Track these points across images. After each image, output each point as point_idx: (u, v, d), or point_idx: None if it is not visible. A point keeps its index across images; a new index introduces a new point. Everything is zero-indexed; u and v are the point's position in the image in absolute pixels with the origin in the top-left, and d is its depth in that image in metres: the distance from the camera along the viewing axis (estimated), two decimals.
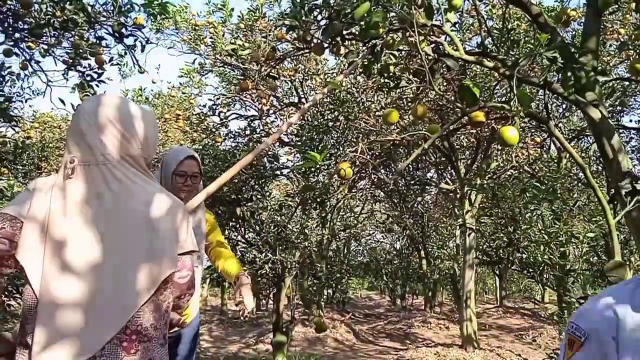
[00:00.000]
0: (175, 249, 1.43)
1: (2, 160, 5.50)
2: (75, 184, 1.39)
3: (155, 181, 1.55)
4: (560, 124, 8.89)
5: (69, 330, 1.29)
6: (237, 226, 6.92)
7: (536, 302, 15.61)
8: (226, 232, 7.01)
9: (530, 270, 9.59)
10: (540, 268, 9.26)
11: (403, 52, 3.13)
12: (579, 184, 7.91)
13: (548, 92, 2.52)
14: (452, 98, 4.85)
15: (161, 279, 1.38)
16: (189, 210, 2.12)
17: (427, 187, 10.87)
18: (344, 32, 2.68)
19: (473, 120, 2.46)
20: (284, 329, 7.13)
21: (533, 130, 8.20)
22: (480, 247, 10.27)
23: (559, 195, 6.70)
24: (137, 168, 1.47)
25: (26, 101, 5.82)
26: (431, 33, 2.59)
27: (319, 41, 2.83)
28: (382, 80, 3.04)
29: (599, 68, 2.55)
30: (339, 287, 12.03)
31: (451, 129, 7.07)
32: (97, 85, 4.69)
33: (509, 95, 2.28)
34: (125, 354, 1.31)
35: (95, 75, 4.68)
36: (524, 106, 2.07)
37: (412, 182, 10.09)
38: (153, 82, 16.02)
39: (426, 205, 12.83)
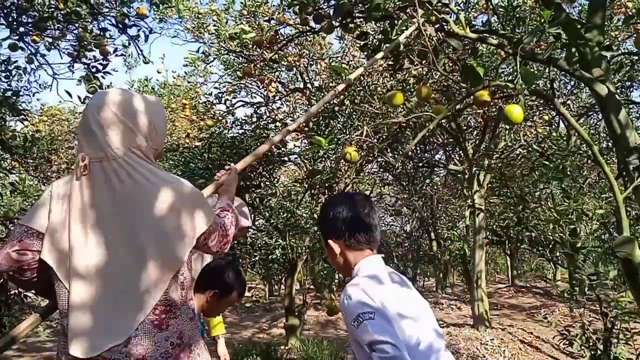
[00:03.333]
0: (191, 229, 1.50)
1: (13, 154, 5.55)
2: (89, 180, 1.47)
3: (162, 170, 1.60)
4: (569, 101, 8.79)
5: (101, 318, 1.41)
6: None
7: (547, 280, 15.60)
8: None
9: (541, 248, 9.58)
10: (551, 246, 9.24)
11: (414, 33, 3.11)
12: (589, 161, 7.84)
13: (554, 69, 2.51)
14: (458, 78, 4.81)
15: (183, 261, 1.49)
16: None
17: (435, 168, 10.85)
18: (354, 12, 2.69)
19: (478, 100, 2.45)
20: (296, 313, 7.20)
21: (541, 109, 8.12)
22: (490, 227, 10.26)
23: (568, 172, 6.66)
24: (145, 160, 1.53)
25: (33, 95, 5.88)
26: (435, 12, 2.58)
27: (329, 21, 2.83)
28: (389, 63, 3.03)
29: (605, 43, 2.52)
30: None
31: (457, 109, 7.03)
32: (103, 77, 4.70)
33: (515, 73, 2.27)
34: (157, 331, 1.43)
35: (100, 67, 4.68)
36: (528, 84, 2.06)
37: (421, 164, 10.06)
38: (158, 72, 16.07)
39: (435, 187, 12.80)
